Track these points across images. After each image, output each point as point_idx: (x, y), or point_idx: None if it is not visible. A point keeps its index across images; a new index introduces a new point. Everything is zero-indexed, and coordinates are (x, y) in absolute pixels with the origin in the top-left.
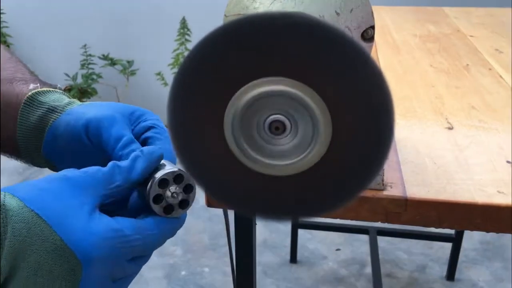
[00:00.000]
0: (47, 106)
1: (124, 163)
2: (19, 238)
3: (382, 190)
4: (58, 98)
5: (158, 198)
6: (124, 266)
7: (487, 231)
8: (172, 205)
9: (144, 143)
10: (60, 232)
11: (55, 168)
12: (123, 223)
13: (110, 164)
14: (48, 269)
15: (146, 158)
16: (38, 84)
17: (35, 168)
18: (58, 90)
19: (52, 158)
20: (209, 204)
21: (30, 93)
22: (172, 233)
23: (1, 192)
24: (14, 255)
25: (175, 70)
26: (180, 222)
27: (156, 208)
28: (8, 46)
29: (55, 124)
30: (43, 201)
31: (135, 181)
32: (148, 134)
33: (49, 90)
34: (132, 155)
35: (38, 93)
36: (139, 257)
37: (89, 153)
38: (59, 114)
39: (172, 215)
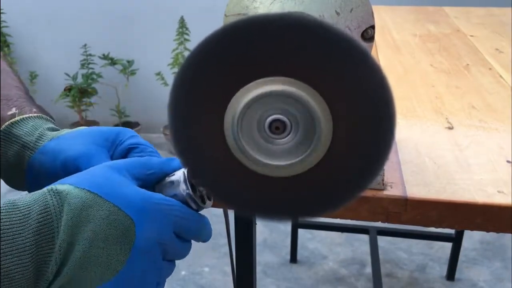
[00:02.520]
0: (20, 142)
1: (158, 158)
2: (75, 211)
3: (382, 190)
4: (31, 129)
5: (194, 188)
6: (172, 239)
7: (487, 231)
8: (204, 196)
9: None
10: (113, 200)
11: None
12: (167, 197)
13: (145, 156)
14: (103, 237)
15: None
16: (15, 111)
17: None
18: (33, 115)
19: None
20: None
21: (4, 126)
22: (206, 226)
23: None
24: (71, 230)
25: (175, 70)
26: (207, 220)
27: (195, 196)
28: (8, 45)
29: (30, 162)
30: (93, 181)
31: (168, 172)
32: (132, 155)
33: (23, 119)
34: (167, 158)
35: (12, 125)
36: (183, 239)
37: None
38: (32, 151)
39: (206, 205)
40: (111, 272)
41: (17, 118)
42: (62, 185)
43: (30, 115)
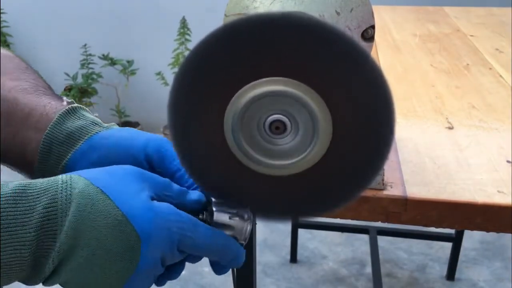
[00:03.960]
0: (90, 119)
1: (178, 186)
2: (83, 213)
3: (382, 190)
4: (96, 118)
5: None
6: (175, 255)
7: (487, 231)
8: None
9: None
10: (123, 208)
11: None
12: (183, 212)
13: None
14: (107, 247)
15: (198, 193)
16: (73, 100)
17: None
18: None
19: (75, 169)
20: None
21: (74, 105)
22: (223, 248)
23: (68, 174)
24: (75, 233)
25: (175, 70)
26: (232, 243)
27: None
28: (8, 45)
29: (98, 136)
30: (108, 181)
31: (185, 203)
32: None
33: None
34: (185, 189)
35: (80, 107)
36: (187, 254)
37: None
38: (103, 128)
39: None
40: (109, 286)
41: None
42: (78, 178)
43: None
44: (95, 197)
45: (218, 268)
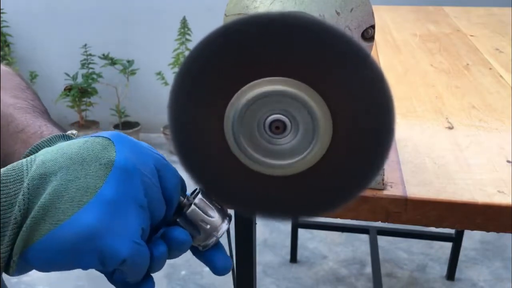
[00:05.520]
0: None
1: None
2: (50, 148)
3: (382, 189)
4: None
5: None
6: (154, 175)
7: (487, 231)
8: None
9: None
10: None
11: None
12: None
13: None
14: (80, 160)
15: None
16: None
17: None
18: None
19: None
20: None
21: (73, 132)
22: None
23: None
24: (44, 165)
25: (176, 70)
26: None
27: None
28: (8, 45)
29: None
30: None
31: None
32: None
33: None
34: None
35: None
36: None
37: None
38: None
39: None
40: (90, 192)
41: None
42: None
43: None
44: (63, 145)
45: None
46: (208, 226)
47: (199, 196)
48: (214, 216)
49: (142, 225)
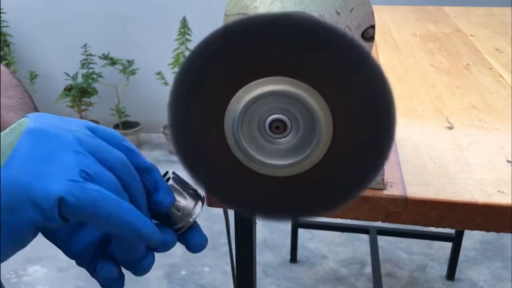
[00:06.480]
0: None
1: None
2: None
3: (382, 189)
4: None
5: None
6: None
7: (487, 231)
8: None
9: None
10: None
11: None
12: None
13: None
14: None
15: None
16: None
17: None
18: None
19: None
20: (209, 203)
21: None
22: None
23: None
24: None
25: (176, 69)
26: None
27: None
28: (8, 45)
29: None
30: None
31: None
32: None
33: None
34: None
35: None
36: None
37: None
38: None
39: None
40: (6, 153)
41: None
42: None
43: None
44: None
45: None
46: (180, 213)
47: (170, 182)
48: (185, 202)
49: (80, 167)
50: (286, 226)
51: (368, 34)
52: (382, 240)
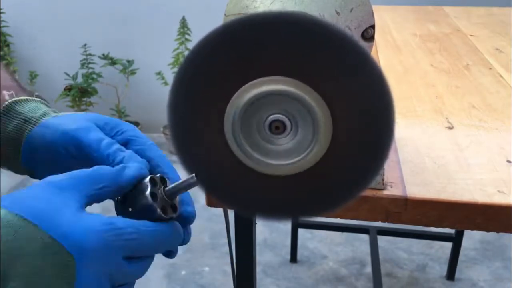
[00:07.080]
0: (22, 117)
1: (110, 168)
2: (5, 244)
3: (382, 189)
4: (34, 108)
5: (154, 196)
6: (122, 265)
7: (487, 231)
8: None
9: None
10: (48, 229)
11: (35, 176)
12: (115, 218)
13: (94, 167)
14: (40, 272)
15: (135, 166)
16: (13, 92)
17: None
18: (35, 99)
19: (30, 167)
20: (209, 203)
21: (6, 103)
22: (170, 236)
23: None
24: (3, 264)
25: (175, 69)
26: (177, 228)
27: (155, 204)
28: (8, 45)
29: (30, 135)
30: (27, 205)
31: (123, 184)
32: (131, 147)
33: (26, 99)
34: (119, 166)
35: (15, 102)
36: (139, 259)
37: (68, 164)
38: (33, 125)
39: (168, 214)
40: None
41: (20, 98)
42: None
43: (33, 98)
44: (15, 224)
45: (168, 253)
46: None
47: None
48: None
49: None
50: (286, 226)
51: (368, 34)
52: (382, 240)
